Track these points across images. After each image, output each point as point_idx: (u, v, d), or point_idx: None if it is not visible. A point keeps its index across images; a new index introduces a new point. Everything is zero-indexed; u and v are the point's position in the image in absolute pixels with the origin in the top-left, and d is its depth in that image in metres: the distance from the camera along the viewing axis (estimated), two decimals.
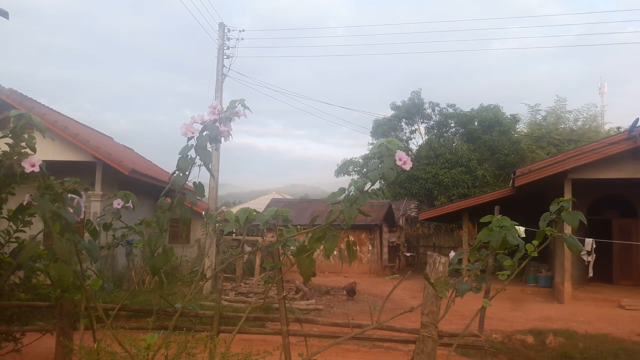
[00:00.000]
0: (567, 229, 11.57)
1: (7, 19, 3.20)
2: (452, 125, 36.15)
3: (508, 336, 9.06)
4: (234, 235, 17.63)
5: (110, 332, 2.69)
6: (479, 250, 2.86)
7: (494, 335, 9.02)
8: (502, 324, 10.58)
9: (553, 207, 2.75)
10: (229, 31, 16.76)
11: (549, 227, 2.74)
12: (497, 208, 8.57)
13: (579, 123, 34.88)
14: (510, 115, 34.46)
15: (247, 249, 15.47)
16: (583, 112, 35.18)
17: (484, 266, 2.84)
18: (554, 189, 14.92)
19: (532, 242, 2.72)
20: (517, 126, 35.32)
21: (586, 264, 15.12)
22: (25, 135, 2.31)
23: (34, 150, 2.32)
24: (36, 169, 2.25)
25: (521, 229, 2.77)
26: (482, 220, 2.86)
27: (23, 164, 2.25)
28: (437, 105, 36.28)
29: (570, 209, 2.73)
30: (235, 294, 13.24)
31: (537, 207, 10.42)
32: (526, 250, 2.71)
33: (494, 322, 10.51)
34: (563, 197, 2.86)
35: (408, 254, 26.79)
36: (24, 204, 2.48)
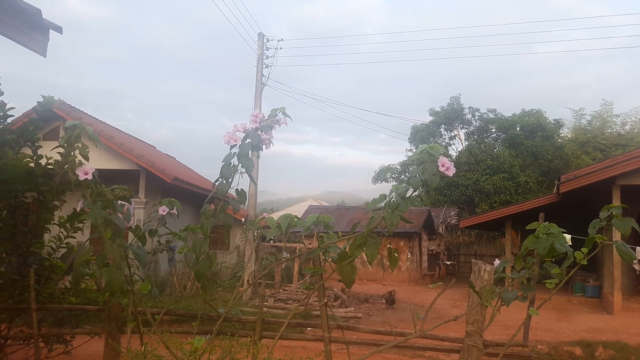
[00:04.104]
0: (617, 236, 11.12)
1: (61, 33, 3.35)
2: (493, 130, 35.48)
3: (555, 347, 8.76)
4: (271, 242, 17.79)
5: (157, 335, 2.76)
6: (525, 258, 2.79)
7: (539, 346, 8.74)
8: (548, 334, 10.25)
9: (603, 214, 2.66)
10: (267, 41, 17.02)
11: (598, 235, 2.65)
12: (541, 215, 8.35)
13: (627, 127, 33.59)
14: (554, 120, 33.58)
15: (286, 255, 15.57)
16: (631, 116, 33.89)
17: (531, 274, 2.76)
18: (600, 195, 14.38)
19: (581, 249, 2.64)
20: (561, 131, 34.37)
21: (638, 273, 14.49)
22: (79, 145, 2.42)
23: (87, 159, 2.42)
24: (89, 176, 2.35)
25: (567, 237, 2.69)
26: (528, 227, 2.80)
27: (77, 172, 2.35)
28: (477, 110, 35.70)
29: (621, 216, 2.64)
30: (275, 301, 13.33)
31: (583, 215, 10.07)
32: (575, 258, 2.63)
33: (539, 332, 10.19)
34: (611, 204, 2.75)
35: (448, 262, 26.33)
36: (77, 210, 2.58)
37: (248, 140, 2.87)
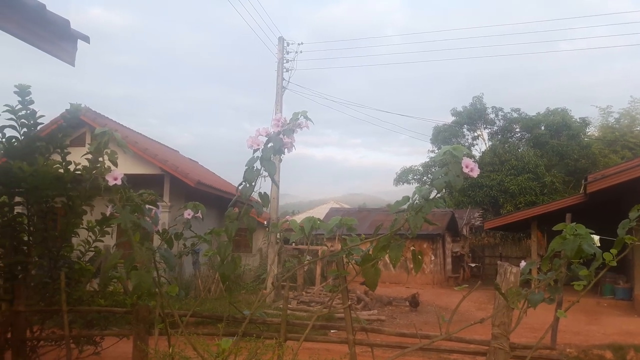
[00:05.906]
0: None
1: (89, 43, 3.44)
2: (517, 130, 34.99)
3: (584, 351, 8.58)
4: (294, 245, 17.85)
5: (185, 337, 2.81)
6: (552, 260, 2.75)
7: (568, 350, 8.58)
8: (576, 337, 10.04)
9: (633, 214, 2.61)
10: (288, 45, 17.12)
11: (628, 235, 2.60)
12: (568, 216, 8.19)
13: None
14: (580, 118, 32.96)
15: (308, 258, 15.61)
16: None
17: (558, 276, 2.72)
18: (630, 195, 14.05)
19: (610, 250, 2.59)
20: (588, 130, 33.72)
21: None
22: (108, 151, 2.48)
23: (115, 164, 2.49)
24: (118, 182, 2.42)
25: (595, 238, 2.64)
26: (555, 228, 2.76)
27: (107, 177, 2.42)
28: (501, 110, 35.23)
29: None
30: (297, 303, 13.37)
31: (611, 215, 9.85)
32: (604, 259, 2.58)
33: (567, 335, 9.99)
34: None
35: (473, 265, 26.01)
36: (107, 215, 2.64)
37: (270, 144, 2.89)
